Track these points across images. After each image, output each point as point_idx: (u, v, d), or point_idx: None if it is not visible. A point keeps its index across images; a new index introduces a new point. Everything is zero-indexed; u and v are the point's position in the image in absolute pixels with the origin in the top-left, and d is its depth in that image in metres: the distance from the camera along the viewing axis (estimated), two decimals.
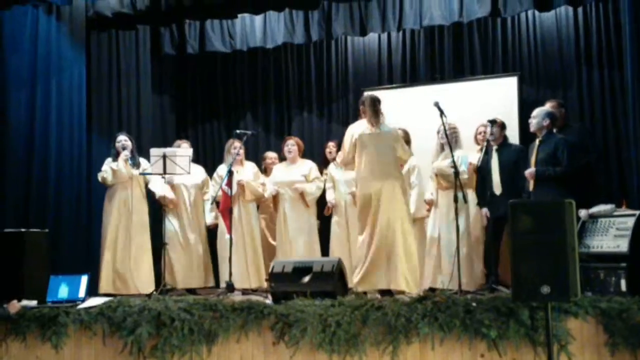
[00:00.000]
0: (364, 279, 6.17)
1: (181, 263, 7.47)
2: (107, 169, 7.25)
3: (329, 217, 7.56)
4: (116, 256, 7.20)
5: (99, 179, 7.31)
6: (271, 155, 8.23)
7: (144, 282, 7.23)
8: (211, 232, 7.74)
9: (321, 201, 7.65)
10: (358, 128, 6.45)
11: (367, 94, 6.86)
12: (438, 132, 6.98)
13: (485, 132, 7.08)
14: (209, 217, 7.70)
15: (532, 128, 6.41)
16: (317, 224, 7.62)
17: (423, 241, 7.06)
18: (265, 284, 7.29)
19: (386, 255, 6.12)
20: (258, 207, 7.76)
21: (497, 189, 6.57)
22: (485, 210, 6.71)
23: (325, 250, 7.51)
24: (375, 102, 6.42)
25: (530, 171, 6.21)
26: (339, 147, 7.48)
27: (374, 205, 6.21)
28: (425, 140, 7.31)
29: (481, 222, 6.85)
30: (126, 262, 7.20)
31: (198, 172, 7.71)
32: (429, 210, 7.10)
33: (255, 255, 7.49)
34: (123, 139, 7.35)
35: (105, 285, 7.12)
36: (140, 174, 7.23)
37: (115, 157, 7.31)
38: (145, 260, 7.35)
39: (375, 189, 6.22)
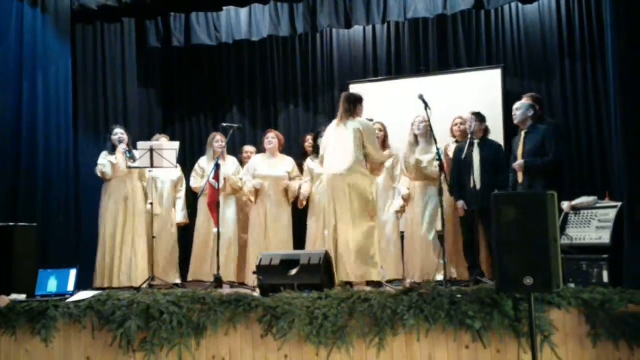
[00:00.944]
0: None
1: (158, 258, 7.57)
2: (106, 163, 7.25)
3: (304, 212, 7.60)
4: (116, 250, 7.21)
5: (98, 173, 7.29)
6: (248, 149, 8.28)
7: (143, 275, 7.25)
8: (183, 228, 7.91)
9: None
10: (331, 127, 6.47)
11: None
12: (413, 125, 7.05)
13: (461, 124, 7.14)
14: (180, 216, 7.76)
15: (516, 120, 6.49)
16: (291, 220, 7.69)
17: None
18: (241, 279, 7.44)
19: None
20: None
21: (478, 183, 6.62)
22: (461, 202, 6.76)
23: (300, 247, 7.53)
24: (349, 99, 6.37)
25: (519, 163, 6.28)
26: (315, 138, 7.54)
27: (329, 199, 6.23)
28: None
29: (456, 214, 6.91)
30: (128, 256, 7.22)
31: (176, 169, 7.71)
32: (405, 206, 7.18)
33: (233, 250, 7.58)
34: (120, 132, 7.35)
35: (105, 280, 7.15)
36: (128, 167, 7.22)
37: (112, 150, 7.31)
38: (144, 253, 7.38)
39: (331, 184, 6.23)
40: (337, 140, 6.27)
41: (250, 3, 8.20)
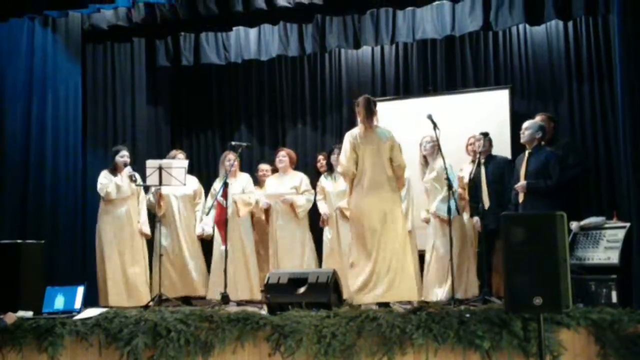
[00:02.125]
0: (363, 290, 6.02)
1: (170, 274, 7.51)
2: (112, 185, 7.23)
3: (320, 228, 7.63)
4: (120, 268, 7.19)
5: (102, 193, 7.25)
6: (263, 167, 8.28)
7: (143, 293, 7.23)
8: (207, 243, 7.80)
9: (314, 213, 7.72)
10: (354, 131, 6.33)
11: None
12: (421, 145, 7.06)
13: (474, 144, 7.16)
14: (198, 228, 7.74)
15: (524, 139, 6.49)
16: (310, 236, 7.67)
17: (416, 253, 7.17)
18: (256, 296, 7.38)
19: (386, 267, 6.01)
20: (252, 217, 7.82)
21: (486, 202, 6.61)
22: (476, 219, 6.75)
23: (320, 264, 7.54)
24: (370, 102, 6.29)
25: (521, 184, 6.28)
26: (328, 157, 7.56)
27: (372, 219, 6.08)
28: (419, 153, 7.35)
29: (473, 232, 6.91)
30: (133, 274, 7.21)
31: (190, 183, 7.70)
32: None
33: (246, 267, 7.54)
34: (126, 155, 7.35)
35: (115, 298, 7.11)
36: (137, 185, 7.23)
37: (113, 170, 7.32)
38: (145, 271, 7.36)
39: (370, 200, 6.11)
40: (371, 155, 6.15)
41: (260, 23, 8.28)
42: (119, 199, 7.28)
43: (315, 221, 7.74)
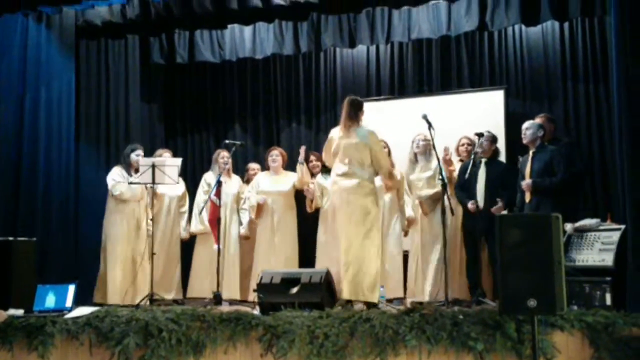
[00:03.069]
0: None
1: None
2: (125, 187, 7.18)
3: (312, 226, 7.57)
4: (123, 268, 7.16)
5: (115, 192, 7.20)
6: (254, 166, 8.26)
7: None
8: (185, 244, 7.85)
9: (300, 210, 7.70)
10: (335, 131, 6.33)
11: None
12: (413, 142, 7.04)
13: (467, 145, 7.14)
14: (184, 231, 7.71)
15: (526, 140, 6.47)
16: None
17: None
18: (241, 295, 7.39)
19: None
20: None
21: (481, 202, 6.58)
22: (471, 202, 6.66)
23: (306, 261, 7.48)
24: (353, 104, 6.22)
25: (527, 183, 6.26)
26: (320, 159, 7.53)
27: (335, 213, 6.12)
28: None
29: (457, 234, 6.91)
30: (141, 274, 7.17)
31: (180, 184, 7.67)
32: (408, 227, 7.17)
33: (235, 266, 7.53)
34: (142, 154, 7.30)
35: (117, 297, 7.07)
36: (129, 183, 7.17)
37: (128, 168, 7.28)
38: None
39: (338, 196, 6.11)
40: (345, 152, 6.13)
41: (255, 21, 8.26)
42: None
43: (301, 222, 7.69)
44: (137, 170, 7.13)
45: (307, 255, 7.53)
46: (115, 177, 7.25)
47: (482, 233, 6.54)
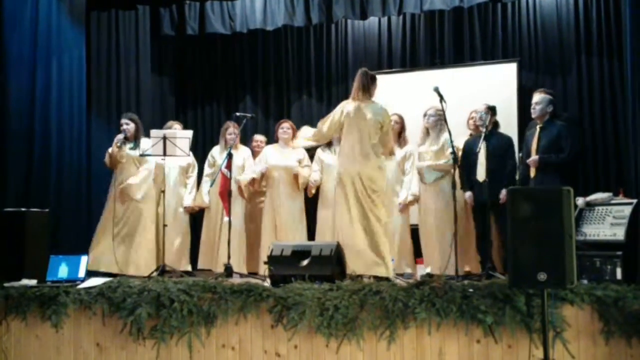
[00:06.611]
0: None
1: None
2: (107, 153, 7.22)
3: (315, 202, 7.57)
4: (118, 238, 7.14)
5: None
6: (259, 137, 8.22)
7: (145, 265, 7.19)
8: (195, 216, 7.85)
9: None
10: (347, 105, 6.28)
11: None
12: (424, 116, 7.00)
13: (475, 117, 7.08)
14: (188, 199, 7.70)
15: (535, 114, 6.42)
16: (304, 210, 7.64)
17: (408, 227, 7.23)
18: (249, 267, 7.46)
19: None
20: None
21: (481, 175, 6.54)
22: (468, 194, 6.73)
23: (310, 237, 7.49)
24: (366, 76, 6.21)
25: (534, 159, 6.23)
26: None
27: (348, 187, 6.11)
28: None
29: (466, 207, 6.89)
30: (132, 245, 7.16)
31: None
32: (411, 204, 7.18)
33: (241, 239, 7.56)
34: (124, 122, 7.29)
35: (105, 265, 7.05)
36: (141, 155, 7.16)
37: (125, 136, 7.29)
38: (149, 242, 7.32)
39: (344, 170, 6.14)
40: (356, 126, 6.12)
41: None
42: (123, 169, 7.22)
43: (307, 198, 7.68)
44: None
45: (312, 229, 7.55)
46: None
47: (486, 206, 6.49)
